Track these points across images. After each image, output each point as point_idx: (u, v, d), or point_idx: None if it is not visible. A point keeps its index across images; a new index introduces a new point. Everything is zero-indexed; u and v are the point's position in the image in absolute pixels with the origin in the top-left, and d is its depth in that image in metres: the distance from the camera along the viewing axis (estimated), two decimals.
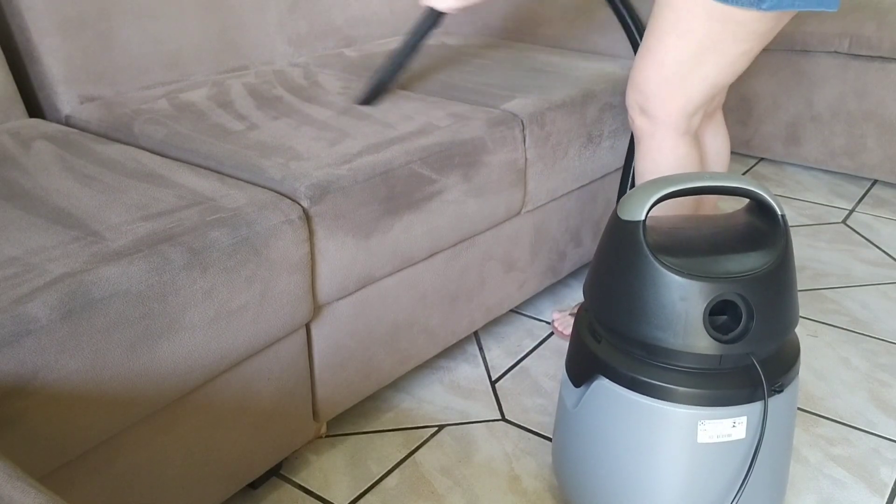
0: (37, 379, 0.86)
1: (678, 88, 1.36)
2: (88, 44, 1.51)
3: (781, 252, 1.05)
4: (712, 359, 1.03)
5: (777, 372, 1.07)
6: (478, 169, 1.39)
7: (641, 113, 1.42)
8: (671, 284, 1.02)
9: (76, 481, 0.97)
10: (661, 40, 1.34)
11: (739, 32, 1.27)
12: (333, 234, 1.18)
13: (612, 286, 1.08)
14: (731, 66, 1.33)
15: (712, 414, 1.05)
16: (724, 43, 1.29)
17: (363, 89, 1.54)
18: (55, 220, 1.04)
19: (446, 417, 1.48)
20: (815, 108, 2.49)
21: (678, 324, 1.02)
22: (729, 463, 1.08)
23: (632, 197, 1.08)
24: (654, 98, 1.39)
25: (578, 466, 1.18)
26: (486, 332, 1.75)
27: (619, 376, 1.09)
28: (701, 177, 1.09)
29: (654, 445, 1.08)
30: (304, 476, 1.34)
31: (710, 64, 1.32)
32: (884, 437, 1.43)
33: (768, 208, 1.08)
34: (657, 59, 1.35)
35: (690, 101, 1.37)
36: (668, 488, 1.09)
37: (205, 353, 1.03)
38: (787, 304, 1.06)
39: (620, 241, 1.07)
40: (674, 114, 1.39)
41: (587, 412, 1.14)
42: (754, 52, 1.33)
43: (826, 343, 1.70)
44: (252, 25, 1.77)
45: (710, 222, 1.16)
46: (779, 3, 1.22)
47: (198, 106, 1.48)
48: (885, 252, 2.10)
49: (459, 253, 1.46)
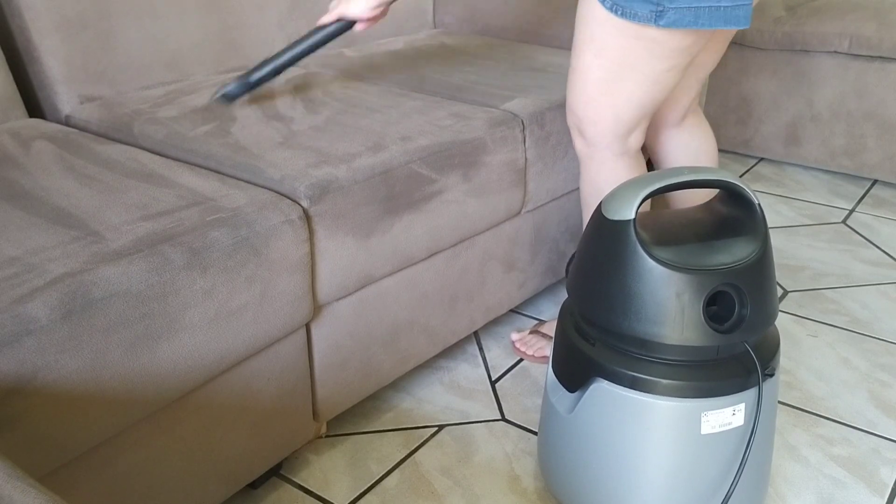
0: (37, 379, 0.86)
1: (605, 108, 1.30)
2: (88, 44, 1.51)
3: (763, 240, 1.07)
4: (710, 350, 1.05)
5: (767, 356, 1.10)
6: (478, 169, 1.39)
7: (578, 135, 1.37)
8: (667, 279, 1.02)
9: (76, 481, 0.97)
10: (580, 58, 1.28)
11: (655, 49, 1.20)
12: (333, 234, 1.18)
13: (604, 286, 1.08)
14: (656, 84, 1.25)
15: (714, 404, 1.06)
16: (640, 60, 1.22)
17: (227, 86, 1.47)
18: (55, 220, 1.04)
19: (446, 417, 1.48)
20: (815, 108, 2.49)
21: (676, 318, 1.02)
22: (726, 450, 1.10)
23: (616, 196, 1.08)
24: (584, 119, 1.33)
25: (577, 470, 1.17)
26: (486, 332, 1.75)
27: (618, 377, 1.08)
28: (681, 172, 1.09)
29: (657, 442, 1.08)
30: (304, 476, 1.34)
31: (630, 82, 1.25)
32: (884, 437, 1.43)
33: (744, 198, 1.10)
34: (580, 78, 1.30)
35: (620, 121, 1.31)
36: (671, 482, 1.10)
37: (205, 353, 1.03)
38: (773, 289, 1.09)
39: (610, 241, 1.07)
40: (606, 135, 1.33)
41: (585, 416, 1.14)
42: (680, 67, 1.25)
43: (826, 343, 1.70)
44: (252, 25, 1.77)
45: (687, 215, 1.16)
46: (677, 21, 1.14)
47: (198, 106, 1.48)
48: (885, 252, 2.10)
49: (459, 253, 1.46)
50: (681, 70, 1.26)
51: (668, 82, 1.27)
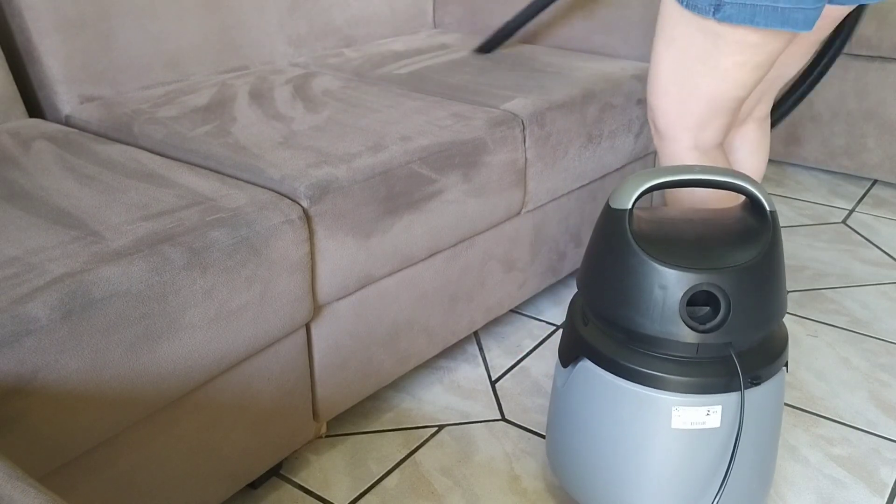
0: (37, 379, 0.86)
1: (674, 101, 1.31)
2: (88, 44, 1.51)
3: (766, 247, 1.07)
4: (689, 347, 1.06)
5: (756, 364, 1.09)
6: (478, 169, 1.39)
7: (653, 126, 1.40)
8: (651, 272, 1.05)
9: (76, 481, 0.97)
10: (654, 50, 1.31)
11: (718, 42, 1.19)
12: (333, 234, 1.18)
13: (600, 272, 1.12)
14: (725, 79, 1.24)
15: (687, 401, 1.08)
16: (705, 53, 1.22)
17: (485, 39, 1.52)
18: (55, 220, 1.04)
19: (446, 417, 1.48)
20: (815, 108, 2.49)
21: (656, 310, 1.05)
22: (706, 451, 1.10)
23: (622, 187, 1.12)
24: (656, 110, 1.35)
25: (564, 445, 1.22)
26: (486, 332, 1.75)
27: (600, 358, 1.12)
28: (691, 170, 1.11)
29: (631, 427, 1.12)
30: (304, 476, 1.34)
31: (697, 75, 1.25)
32: (884, 437, 1.43)
33: (758, 204, 1.10)
34: (653, 69, 1.33)
35: (687, 113, 1.31)
36: (645, 470, 1.13)
37: (205, 353, 1.03)
38: (769, 298, 1.08)
39: (609, 229, 1.11)
40: (674, 126, 1.33)
41: (572, 392, 1.18)
42: (752, 64, 1.22)
43: (826, 343, 1.70)
44: (252, 25, 1.77)
45: (704, 217, 1.17)
46: (733, 17, 1.14)
47: (198, 106, 1.48)
48: (885, 252, 2.10)
49: (459, 253, 1.46)
50: (755, 67, 1.23)
51: (741, 79, 1.24)
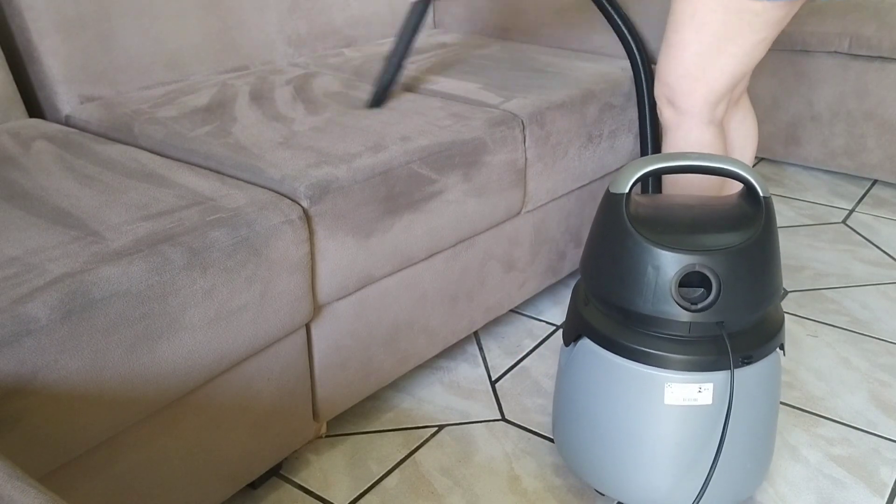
0: (37, 379, 0.86)
1: (699, 81, 1.39)
2: (88, 44, 1.51)
3: (759, 230, 1.11)
4: (682, 326, 1.11)
5: (749, 344, 1.13)
6: (478, 169, 1.39)
7: (668, 104, 1.47)
8: (645, 253, 1.11)
9: (76, 481, 0.97)
10: (679, 34, 1.37)
11: (755, 22, 1.30)
12: (333, 234, 1.18)
13: (599, 253, 1.17)
14: (749, 55, 1.36)
15: (679, 378, 1.13)
16: (740, 33, 1.32)
17: (370, 94, 1.55)
18: (55, 220, 1.04)
19: (446, 417, 1.48)
20: (815, 108, 2.49)
21: (649, 290, 1.11)
22: (698, 428, 1.15)
23: (622, 172, 1.17)
24: (678, 91, 1.43)
25: (566, 421, 1.27)
26: (486, 332, 1.75)
27: (599, 337, 1.17)
28: (688, 156, 1.17)
29: (627, 403, 1.16)
30: (304, 476, 1.34)
31: (727, 55, 1.35)
32: (884, 437, 1.43)
33: (752, 189, 1.15)
34: (677, 53, 1.39)
35: (713, 92, 1.41)
36: (640, 444, 1.17)
37: (205, 353, 1.03)
38: (762, 280, 1.12)
39: (608, 212, 1.16)
40: (698, 104, 1.43)
41: (573, 370, 1.23)
42: (770, 39, 1.35)
43: (826, 343, 1.70)
44: (252, 25, 1.77)
45: (702, 202, 1.22)
46: None
47: (198, 106, 1.48)
48: (885, 252, 2.10)
49: (459, 253, 1.46)
50: (769, 42, 1.36)
51: (758, 54, 1.38)
